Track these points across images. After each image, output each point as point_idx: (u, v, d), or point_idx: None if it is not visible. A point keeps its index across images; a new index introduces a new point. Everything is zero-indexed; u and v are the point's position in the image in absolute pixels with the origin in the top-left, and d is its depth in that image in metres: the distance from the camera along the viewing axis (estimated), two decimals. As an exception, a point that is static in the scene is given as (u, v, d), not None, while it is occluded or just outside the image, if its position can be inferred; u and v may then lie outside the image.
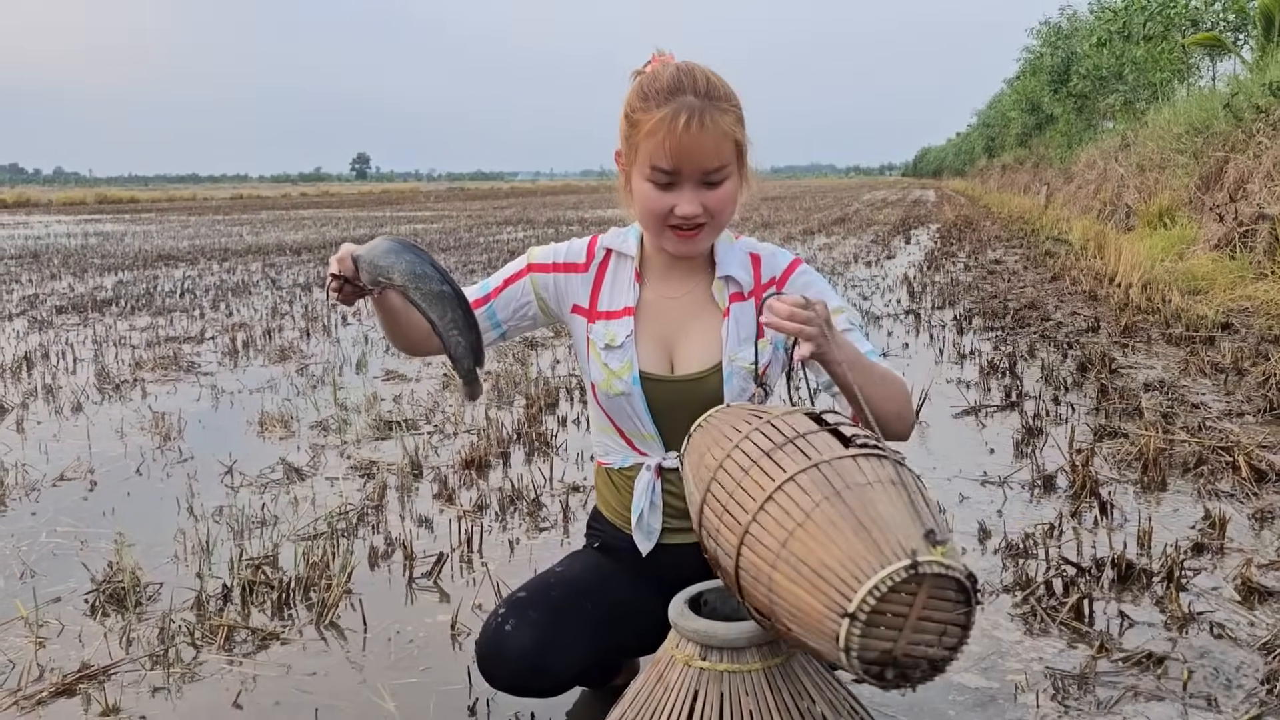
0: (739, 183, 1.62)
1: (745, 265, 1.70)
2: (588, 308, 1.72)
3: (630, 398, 1.66)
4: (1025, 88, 29.61)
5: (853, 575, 1.13)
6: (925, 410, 4.12)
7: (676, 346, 1.69)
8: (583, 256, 1.74)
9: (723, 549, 1.32)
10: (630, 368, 1.66)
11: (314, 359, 5.56)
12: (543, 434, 3.78)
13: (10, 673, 2.08)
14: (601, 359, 1.68)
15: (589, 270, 1.73)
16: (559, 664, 1.61)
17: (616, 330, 1.68)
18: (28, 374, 5.20)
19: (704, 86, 1.54)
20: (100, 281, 9.91)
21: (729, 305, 1.67)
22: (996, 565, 2.55)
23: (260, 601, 2.39)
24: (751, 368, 1.65)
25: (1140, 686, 1.94)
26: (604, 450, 1.77)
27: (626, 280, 1.71)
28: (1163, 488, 3.12)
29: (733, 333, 1.66)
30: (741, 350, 1.65)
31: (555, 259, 1.74)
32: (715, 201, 1.58)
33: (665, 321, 1.69)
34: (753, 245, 1.74)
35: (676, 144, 1.52)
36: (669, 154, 1.53)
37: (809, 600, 1.17)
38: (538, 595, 1.65)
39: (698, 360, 1.66)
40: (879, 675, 1.16)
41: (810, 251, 12.10)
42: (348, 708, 1.93)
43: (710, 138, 1.53)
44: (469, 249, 13.40)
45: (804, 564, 1.18)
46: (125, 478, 3.43)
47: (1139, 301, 6.68)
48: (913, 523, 1.18)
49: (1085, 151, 19.00)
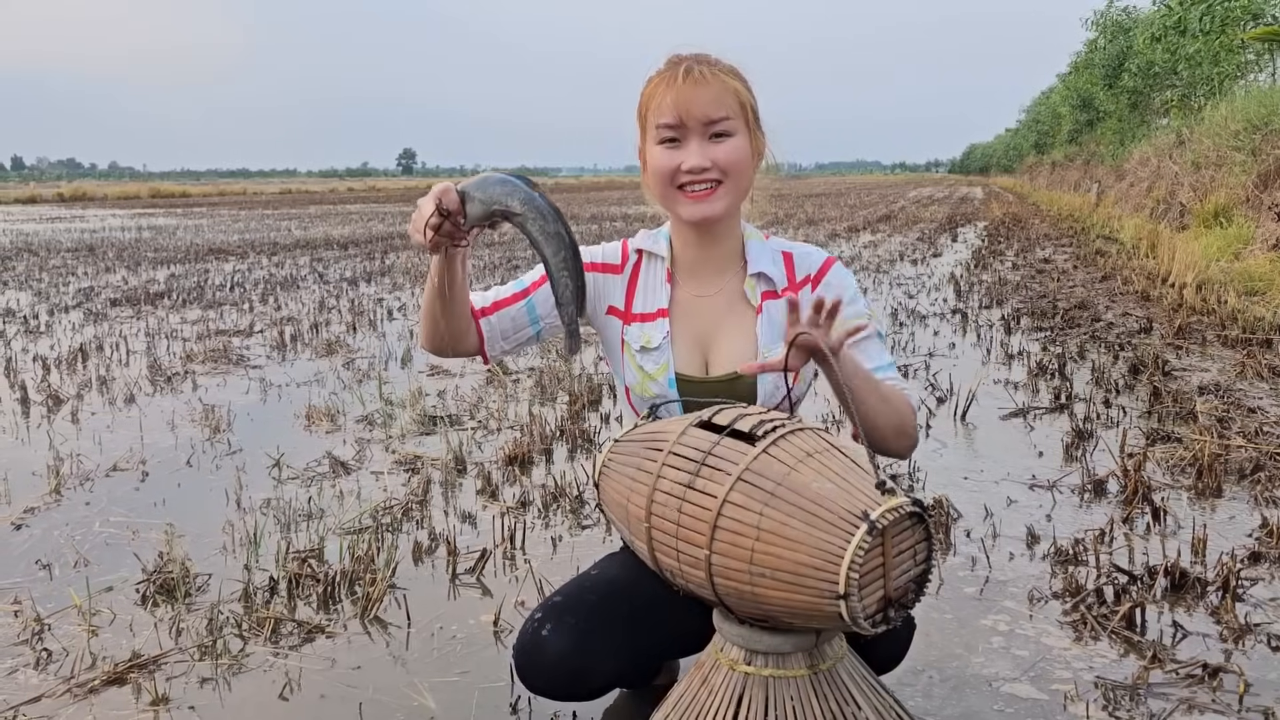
0: (749, 142, 1.63)
1: (777, 262, 1.70)
2: (623, 309, 1.72)
3: (664, 399, 1.66)
4: (1077, 83, 29.10)
5: (828, 564, 1.21)
6: (972, 411, 4.06)
7: (711, 346, 1.68)
8: (618, 258, 1.74)
9: (694, 583, 1.35)
10: (666, 370, 1.66)
11: (360, 353, 5.62)
12: (585, 430, 3.78)
13: (64, 660, 2.12)
14: (636, 361, 1.68)
15: (624, 272, 1.73)
16: (598, 668, 1.60)
17: (652, 333, 1.68)
18: (83, 366, 5.31)
19: (703, 55, 1.62)
20: (153, 275, 10.09)
21: (761, 303, 1.66)
22: (1045, 571, 2.51)
23: (306, 594, 2.42)
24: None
25: (1195, 699, 1.89)
26: None
27: (659, 281, 1.71)
28: (1218, 494, 3.05)
29: (766, 330, 1.65)
30: (775, 348, 1.64)
31: (592, 259, 1.73)
32: (723, 155, 1.59)
33: (699, 321, 1.69)
34: (784, 244, 1.74)
35: (677, 94, 1.57)
36: (671, 106, 1.58)
37: (800, 598, 1.24)
38: (574, 599, 1.64)
39: (731, 359, 1.66)
40: (884, 620, 1.25)
41: (855, 249, 11.99)
42: (391, 703, 1.94)
43: (710, 89, 1.57)
44: (513, 245, 13.45)
45: (779, 572, 1.24)
46: (176, 469, 3.49)
47: (1193, 302, 6.54)
48: (849, 485, 1.25)
49: (1138, 148, 18.63)
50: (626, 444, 1.49)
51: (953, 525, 2.82)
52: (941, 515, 2.82)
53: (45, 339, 6.23)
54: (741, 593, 1.29)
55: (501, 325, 1.71)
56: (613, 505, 1.48)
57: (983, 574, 2.51)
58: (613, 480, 1.47)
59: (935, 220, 17.84)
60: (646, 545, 1.39)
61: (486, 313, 1.70)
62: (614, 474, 1.47)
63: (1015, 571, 2.52)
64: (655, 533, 1.37)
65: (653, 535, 1.37)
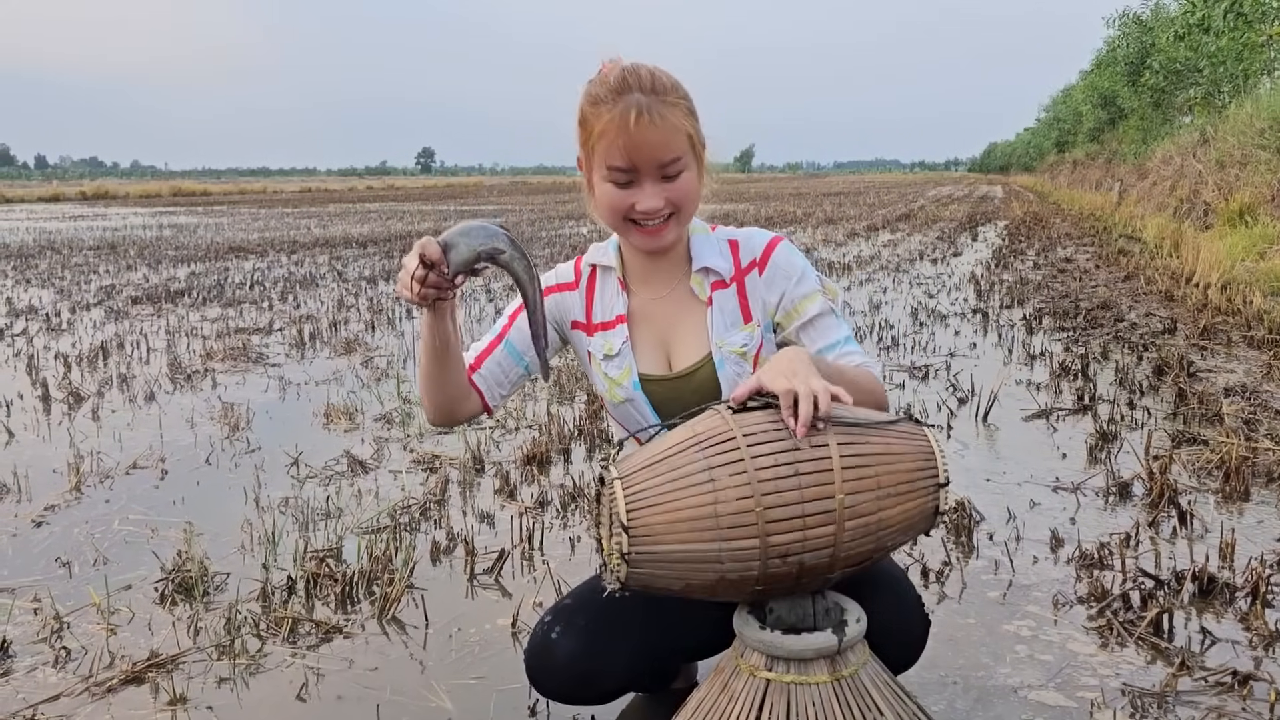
0: (698, 174, 1.62)
1: (724, 253, 1.70)
2: (585, 321, 1.74)
3: (634, 403, 1.68)
4: (1098, 81, 28.86)
5: (928, 462, 1.41)
6: (994, 412, 4.02)
7: (672, 344, 1.70)
8: (571, 275, 1.76)
9: (814, 547, 1.35)
10: (629, 374, 1.68)
11: (378, 351, 5.62)
12: (604, 430, 3.77)
13: (83, 659, 2.12)
14: (602, 369, 1.70)
15: (579, 287, 1.75)
16: (608, 670, 1.60)
17: (613, 339, 1.70)
18: (104, 363, 5.34)
19: (650, 83, 1.55)
20: (174, 273, 10.15)
21: (711, 294, 1.67)
22: (1070, 575, 2.47)
23: (324, 594, 2.41)
24: (742, 351, 1.65)
25: (1225, 707, 1.86)
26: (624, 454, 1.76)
27: (613, 290, 1.72)
28: (1245, 498, 3.00)
29: (718, 321, 1.66)
30: (729, 336, 1.66)
31: (548, 283, 1.75)
32: (676, 194, 1.58)
33: (657, 322, 1.70)
34: (731, 232, 1.74)
35: (629, 140, 1.53)
36: (623, 151, 1.54)
37: (914, 504, 1.40)
38: (585, 601, 1.64)
39: (691, 354, 1.67)
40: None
41: (874, 248, 11.93)
42: (409, 704, 1.93)
43: (660, 131, 1.53)
44: (533, 243, 13.46)
45: (899, 485, 1.38)
46: (195, 467, 3.49)
47: (1218, 302, 6.46)
48: (882, 409, 1.53)
49: (1161, 147, 18.46)
50: (654, 465, 1.40)
51: (975, 528, 2.78)
52: (964, 518, 2.78)
53: (67, 336, 6.27)
54: (868, 526, 1.36)
55: (493, 374, 1.73)
56: (681, 523, 1.35)
57: (1006, 578, 2.47)
58: (668, 500, 1.37)
59: (955, 219, 17.73)
60: (757, 534, 1.33)
61: (475, 368, 1.73)
62: (665, 493, 1.37)
63: (1039, 575, 2.49)
64: (772, 511, 1.33)
65: (768, 517, 1.33)
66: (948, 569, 2.53)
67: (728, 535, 1.34)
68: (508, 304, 1.80)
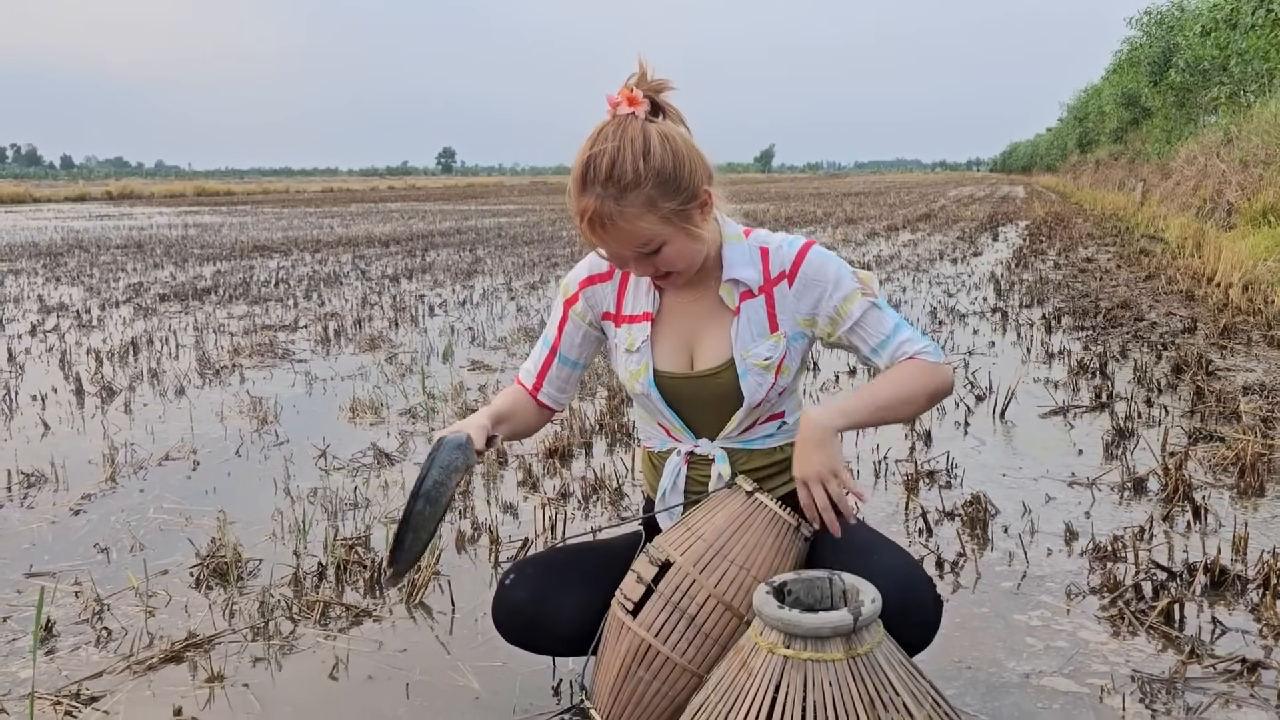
0: (686, 235, 1.61)
1: (754, 262, 1.71)
2: (614, 312, 1.79)
3: (649, 397, 1.75)
4: (1122, 81, 28.68)
5: (778, 523, 1.63)
6: (1011, 409, 4.06)
7: (696, 344, 1.74)
8: (605, 265, 1.79)
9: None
10: (646, 370, 1.74)
11: (402, 348, 5.71)
12: (624, 425, 3.83)
13: (123, 639, 2.20)
14: (624, 361, 1.77)
15: (612, 278, 1.79)
16: (556, 618, 1.73)
17: (635, 334, 1.75)
18: (134, 358, 5.44)
19: (607, 173, 1.53)
20: (200, 271, 10.29)
21: (739, 304, 1.70)
22: (1083, 567, 2.51)
23: (353, 580, 2.49)
24: (766, 363, 1.69)
25: (1233, 694, 1.90)
26: (646, 435, 1.88)
27: (645, 286, 1.77)
28: (1260, 494, 3.03)
29: (743, 331, 1.70)
30: (754, 347, 1.70)
31: (581, 277, 1.81)
32: (665, 262, 1.62)
33: (684, 323, 1.75)
34: (764, 238, 1.74)
35: (591, 239, 1.60)
36: (592, 242, 1.61)
37: (785, 555, 1.63)
38: (541, 555, 1.86)
39: (712, 357, 1.72)
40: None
41: (894, 248, 11.94)
42: (437, 684, 2.00)
43: (618, 234, 1.56)
44: (552, 242, 13.55)
45: (762, 554, 1.61)
46: (225, 459, 3.58)
47: (1239, 302, 6.45)
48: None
49: (1185, 146, 18.34)
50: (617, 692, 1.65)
51: (990, 521, 2.82)
52: (979, 511, 2.82)
53: (97, 332, 6.39)
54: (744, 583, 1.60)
55: (555, 386, 1.86)
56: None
57: (1020, 569, 2.52)
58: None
59: (976, 219, 17.69)
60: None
61: (539, 388, 1.85)
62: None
63: (1053, 567, 2.53)
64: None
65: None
66: (962, 560, 2.57)
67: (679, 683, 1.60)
68: (551, 307, 1.86)
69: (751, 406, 1.71)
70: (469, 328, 6.39)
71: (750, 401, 1.70)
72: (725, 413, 1.74)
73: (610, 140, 1.54)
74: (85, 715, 1.89)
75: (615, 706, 1.64)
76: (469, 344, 5.83)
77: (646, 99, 1.58)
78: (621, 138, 1.54)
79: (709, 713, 1.47)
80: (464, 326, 6.44)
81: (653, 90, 1.60)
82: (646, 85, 1.59)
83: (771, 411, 1.76)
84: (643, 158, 1.53)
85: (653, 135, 1.55)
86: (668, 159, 1.55)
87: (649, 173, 1.54)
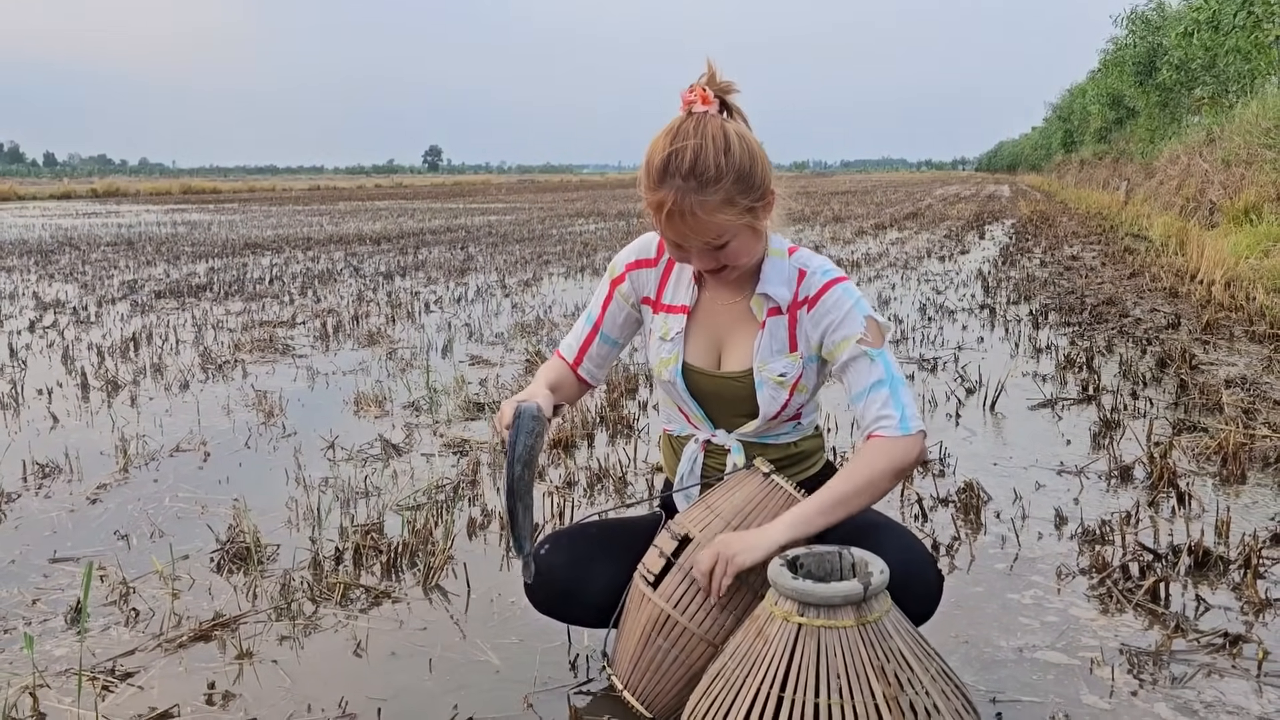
0: (752, 234, 1.69)
1: (789, 281, 1.78)
2: (654, 299, 1.88)
3: (674, 386, 1.84)
4: (1107, 81, 28.90)
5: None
6: (1001, 402, 4.17)
7: (725, 346, 1.83)
8: (653, 251, 1.87)
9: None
10: (675, 360, 1.83)
11: (401, 343, 5.78)
12: (625, 417, 3.92)
13: (151, 620, 2.28)
14: (656, 347, 1.86)
15: (658, 265, 1.88)
16: (588, 588, 1.81)
17: (671, 324, 1.84)
18: (135, 354, 5.50)
19: (690, 167, 1.58)
20: (193, 268, 10.32)
21: (765, 319, 1.78)
22: (1073, 549, 2.62)
23: (370, 564, 2.57)
24: (781, 379, 1.78)
25: (1215, 665, 2.01)
26: (667, 419, 1.97)
27: (687, 279, 1.85)
28: (1242, 481, 3.14)
29: (765, 345, 1.78)
30: (772, 362, 1.78)
31: (629, 259, 1.89)
32: (727, 257, 1.69)
33: (717, 322, 1.84)
34: (805, 260, 1.79)
35: (666, 230, 1.66)
36: (666, 233, 1.67)
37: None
38: (575, 528, 1.92)
39: (738, 362, 1.81)
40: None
41: (882, 246, 12.06)
42: (458, 659, 2.09)
43: (694, 225, 1.62)
44: (542, 240, 13.62)
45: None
46: (235, 450, 3.65)
47: (1222, 299, 6.59)
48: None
49: (1168, 146, 18.54)
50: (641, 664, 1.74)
51: (983, 507, 2.93)
52: (972, 498, 2.93)
53: (96, 329, 6.44)
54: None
55: (594, 362, 1.94)
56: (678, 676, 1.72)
57: (1012, 552, 2.62)
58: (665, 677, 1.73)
59: (963, 218, 17.85)
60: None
61: (579, 363, 1.93)
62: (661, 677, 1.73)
63: (1044, 550, 2.63)
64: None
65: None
66: (957, 543, 2.67)
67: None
68: (596, 287, 1.93)
69: (767, 417, 1.80)
70: (465, 324, 6.46)
71: (766, 413, 1.79)
72: (744, 412, 1.83)
73: (692, 137, 1.60)
74: (121, 690, 1.97)
75: (635, 673, 1.74)
76: (467, 339, 5.91)
77: (716, 98, 1.65)
78: (703, 134, 1.60)
79: (726, 678, 1.56)
80: (460, 323, 6.52)
81: (721, 91, 1.67)
82: (716, 85, 1.66)
83: (785, 420, 1.85)
84: (724, 154, 1.60)
85: (731, 133, 1.63)
86: (745, 157, 1.62)
87: (730, 169, 1.60)
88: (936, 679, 1.53)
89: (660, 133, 1.64)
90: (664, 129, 1.64)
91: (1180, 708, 1.86)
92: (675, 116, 1.65)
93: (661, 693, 1.73)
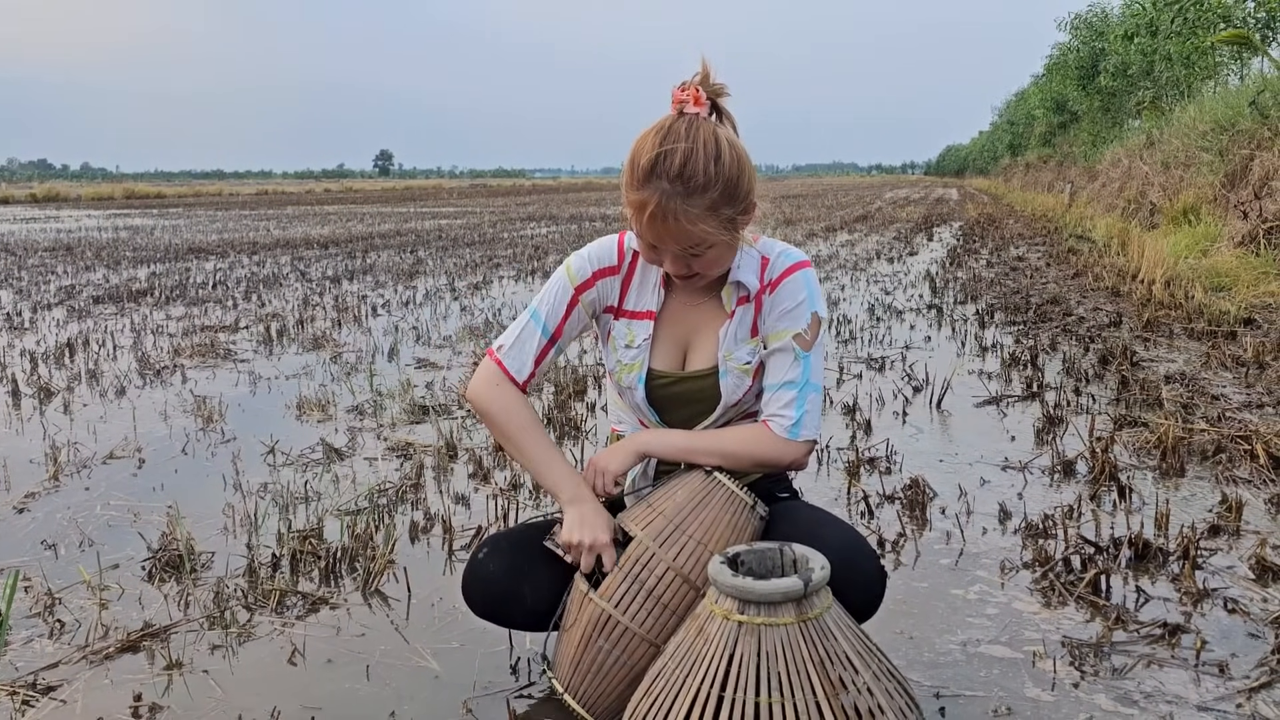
0: (728, 244, 1.66)
1: (756, 269, 1.76)
2: (617, 305, 1.83)
3: (634, 392, 1.80)
4: (1051, 85, 29.43)
5: (734, 501, 1.72)
6: (947, 400, 4.19)
7: (691, 346, 1.81)
8: (614, 258, 1.81)
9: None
10: (640, 368, 1.79)
11: (346, 347, 5.69)
12: (572, 419, 3.88)
13: (77, 631, 2.20)
14: (618, 354, 1.81)
15: (620, 271, 1.82)
16: (528, 592, 1.77)
17: (637, 331, 1.80)
18: (70, 360, 5.35)
19: (679, 170, 1.54)
20: (134, 273, 10.09)
21: (735, 309, 1.76)
22: (1016, 544, 2.63)
23: (308, 570, 2.51)
24: (746, 367, 1.76)
25: (1155, 655, 2.02)
26: (617, 419, 1.94)
27: (652, 284, 1.80)
28: (1181, 474, 3.19)
29: (731, 334, 1.76)
30: (737, 350, 1.76)
31: (593, 267, 1.80)
32: (701, 265, 1.66)
33: (685, 323, 1.81)
34: (769, 247, 1.78)
35: (645, 231, 1.61)
36: (644, 234, 1.62)
37: (738, 530, 1.72)
38: (514, 531, 1.89)
39: (702, 360, 1.79)
40: None
41: (832, 248, 12.15)
42: (397, 665, 2.04)
43: (677, 230, 1.58)
44: (494, 244, 13.53)
45: (719, 530, 1.70)
46: (172, 456, 3.56)
47: (1162, 297, 6.71)
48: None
49: (1110, 150, 18.93)
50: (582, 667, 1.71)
51: (929, 503, 2.94)
52: (918, 494, 2.93)
53: (30, 334, 6.26)
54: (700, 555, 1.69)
55: (542, 372, 1.85)
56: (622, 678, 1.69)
57: (957, 547, 2.63)
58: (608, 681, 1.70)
59: (911, 220, 18.05)
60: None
61: (534, 376, 1.82)
62: (602, 680, 1.70)
63: (988, 544, 2.64)
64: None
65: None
66: (903, 540, 2.67)
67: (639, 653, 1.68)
68: (539, 290, 1.84)
69: (728, 405, 1.78)
70: (413, 327, 6.38)
71: (727, 401, 1.77)
72: (702, 413, 1.80)
73: (683, 140, 1.55)
74: (42, 704, 1.90)
75: (576, 676, 1.70)
76: (414, 342, 5.83)
77: (708, 100, 1.60)
78: (694, 138, 1.55)
79: (667, 678, 1.54)
80: (408, 326, 6.44)
81: (714, 93, 1.62)
82: (709, 87, 1.61)
83: (745, 411, 1.83)
84: (714, 161, 1.56)
85: (723, 140, 1.58)
86: (734, 167, 1.58)
87: (718, 178, 1.57)
88: (879, 676, 1.51)
89: (649, 130, 1.59)
90: (653, 127, 1.59)
91: (1121, 698, 1.87)
92: (665, 115, 1.60)
93: (603, 695, 1.70)
